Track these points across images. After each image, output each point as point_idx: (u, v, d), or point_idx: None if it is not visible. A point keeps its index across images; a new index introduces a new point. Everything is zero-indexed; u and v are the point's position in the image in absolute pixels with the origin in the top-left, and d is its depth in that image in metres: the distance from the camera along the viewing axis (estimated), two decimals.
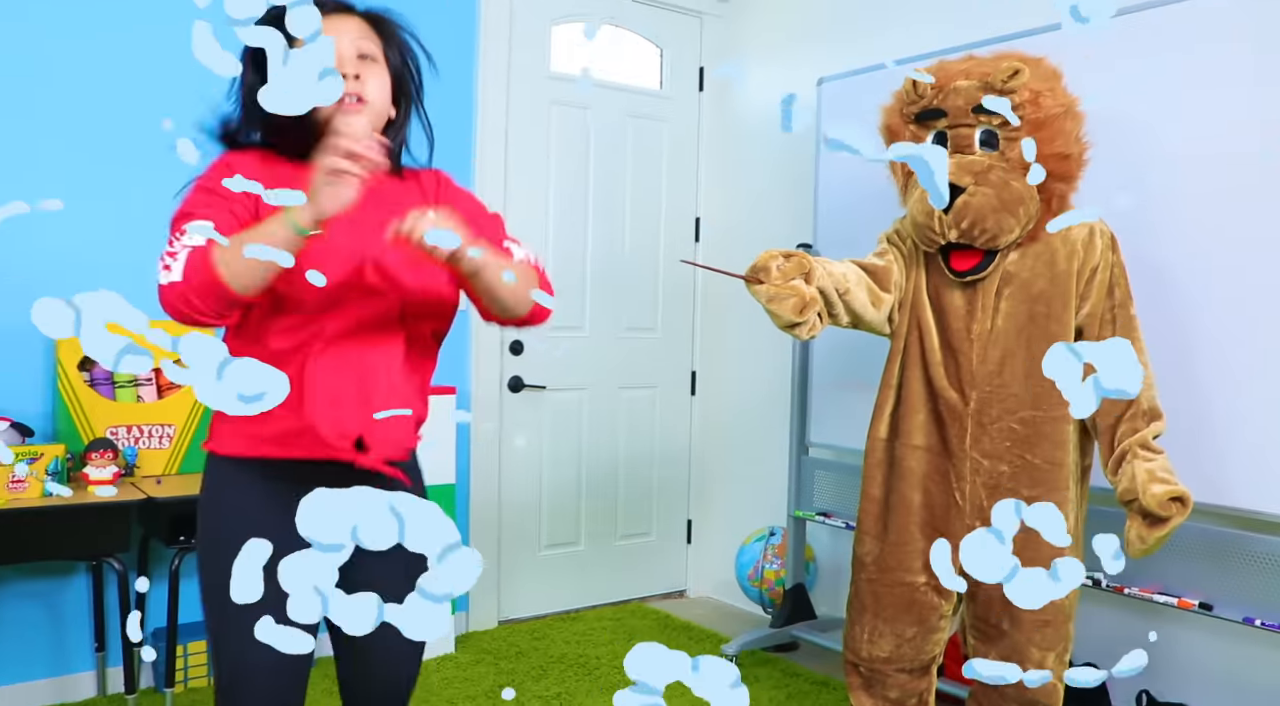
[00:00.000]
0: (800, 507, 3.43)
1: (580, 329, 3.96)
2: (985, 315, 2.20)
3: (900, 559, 2.31)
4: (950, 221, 2.15)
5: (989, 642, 2.24)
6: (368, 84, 1.47)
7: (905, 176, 2.32)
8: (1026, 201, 2.13)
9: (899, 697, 2.37)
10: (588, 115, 3.95)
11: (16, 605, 2.89)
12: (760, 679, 3.26)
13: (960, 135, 2.18)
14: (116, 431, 2.91)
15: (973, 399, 2.21)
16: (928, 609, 2.30)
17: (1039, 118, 2.10)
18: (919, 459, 2.29)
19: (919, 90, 2.21)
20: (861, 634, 2.37)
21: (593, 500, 4.04)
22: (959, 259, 2.22)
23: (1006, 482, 2.18)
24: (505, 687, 3.09)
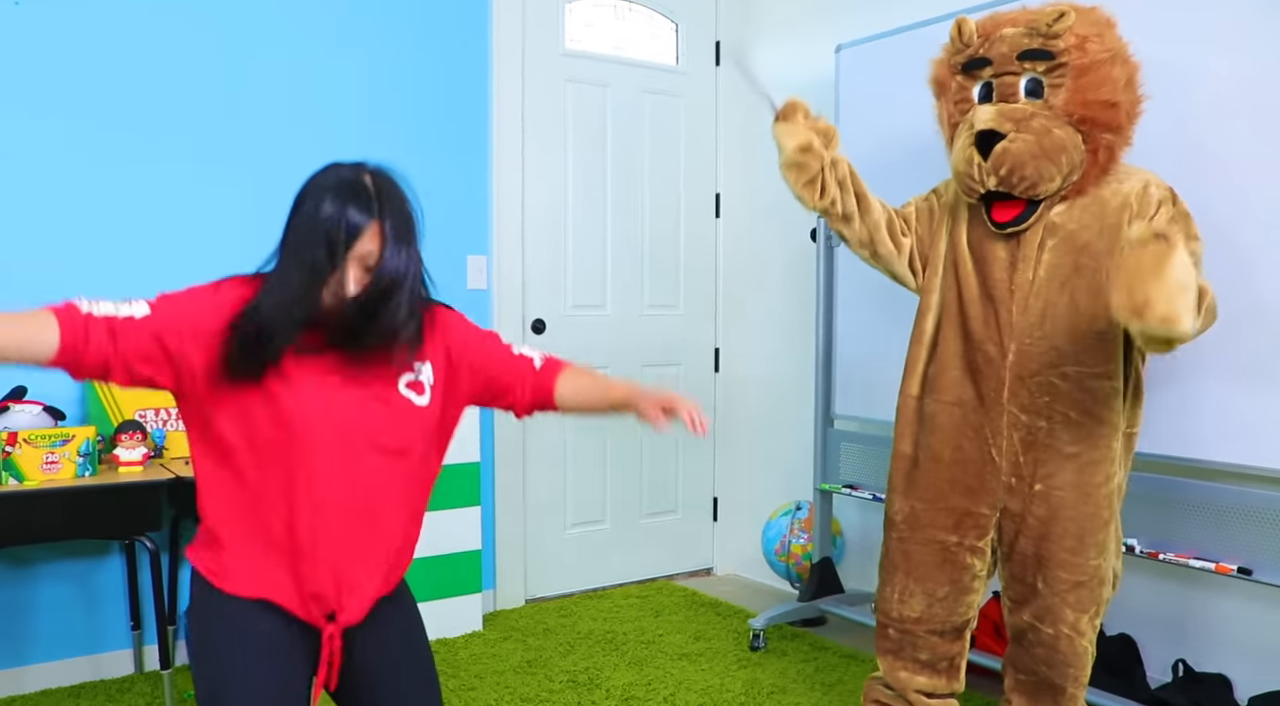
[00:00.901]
0: (826, 480, 3.41)
1: (602, 307, 3.96)
2: (1027, 266, 2.16)
3: (932, 517, 2.29)
4: (989, 168, 2.11)
5: (1023, 603, 2.22)
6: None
7: (951, 128, 2.29)
8: (1069, 149, 2.08)
9: (929, 660, 2.35)
10: (604, 92, 3.93)
11: (53, 585, 2.94)
12: (788, 653, 3.25)
13: (1005, 83, 2.15)
14: (145, 414, 2.94)
15: (1011, 351, 2.17)
16: (960, 568, 2.28)
17: (1085, 63, 2.06)
18: (952, 414, 2.26)
19: (965, 38, 2.19)
20: (893, 594, 2.36)
21: (617, 478, 4.04)
22: (1000, 210, 2.18)
23: (1044, 438, 2.15)
24: (532, 663, 3.12)
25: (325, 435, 1.44)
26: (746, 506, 4.21)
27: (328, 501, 1.45)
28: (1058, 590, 2.16)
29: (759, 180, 4.14)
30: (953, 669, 2.37)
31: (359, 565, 1.49)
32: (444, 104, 3.55)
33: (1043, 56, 2.08)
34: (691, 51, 4.16)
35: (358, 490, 1.47)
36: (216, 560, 1.49)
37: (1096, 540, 2.14)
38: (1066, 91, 2.08)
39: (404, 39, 3.46)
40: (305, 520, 1.44)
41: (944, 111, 2.31)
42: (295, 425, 1.42)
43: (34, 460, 2.58)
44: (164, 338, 1.40)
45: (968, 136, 2.16)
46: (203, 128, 3.11)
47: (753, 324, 4.18)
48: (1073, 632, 2.16)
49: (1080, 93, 2.07)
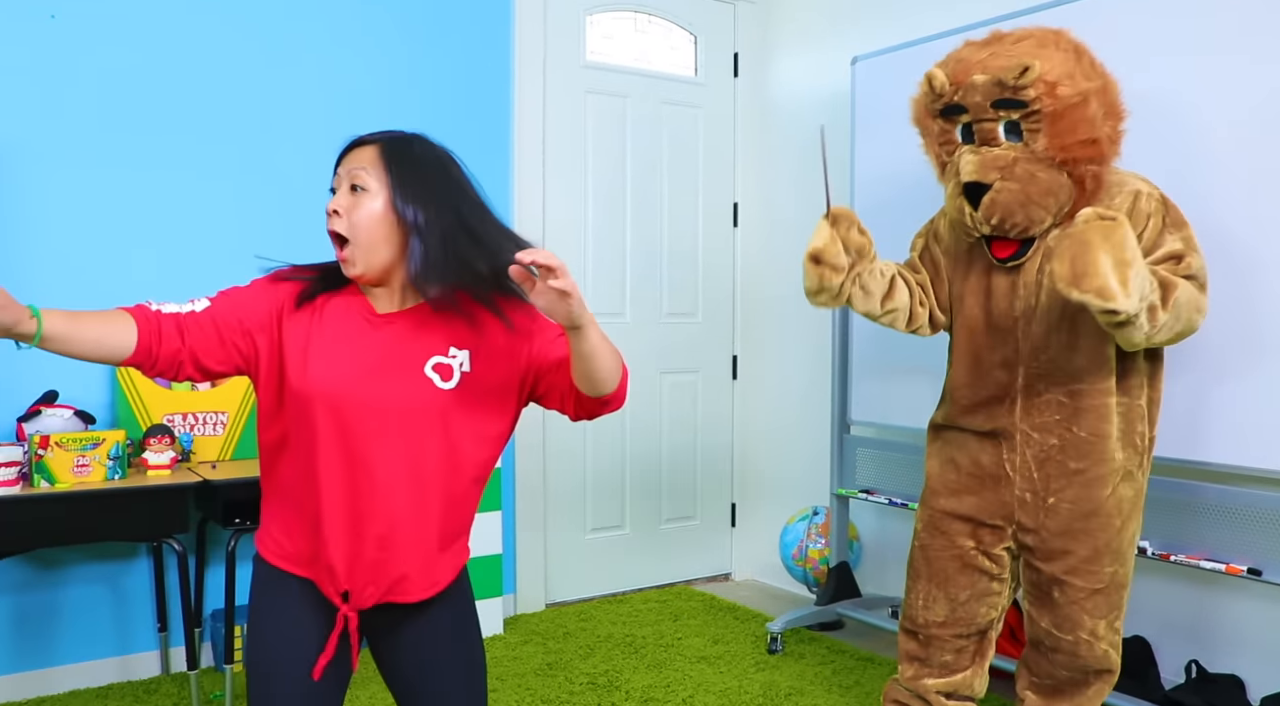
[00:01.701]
0: (843, 485, 3.44)
1: (621, 315, 4.00)
2: (1028, 294, 2.21)
3: (949, 524, 2.35)
4: (981, 218, 2.16)
5: (1043, 608, 2.26)
6: (349, 216, 1.44)
7: (939, 164, 2.32)
8: (1056, 191, 2.11)
9: (953, 662, 2.38)
10: (624, 103, 3.99)
11: (82, 587, 3.00)
12: (805, 656, 3.27)
13: (985, 129, 2.16)
14: (172, 419, 3.00)
15: (1020, 375, 2.23)
16: (978, 573, 2.33)
17: (1058, 109, 2.05)
18: (970, 436, 2.33)
19: (936, 89, 2.20)
20: (917, 600, 2.41)
21: (637, 484, 4.08)
22: (999, 247, 2.23)
23: (1056, 455, 2.20)
24: (553, 666, 3.15)
25: (330, 409, 1.45)
26: (764, 512, 4.24)
27: (332, 479, 1.46)
28: (1075, 598, 2.19)
29: (776, 190, 4.18)
30: (975, 672, 2.40)
31: (370, 546, 1.47)
32: (466, 114, 3.62)
33: (1015, 105, 2.09)
34: (710, 63, 4.21)
35: (365, 470, 1.45)
36: (266, 530, 1.57)
37: (1111, 548, 2.18)
38: (1045, 136, 2.08)
39: (427, 51, 3.53)
40: (317, 495, 1.47)
41: (930, 148, 2.33)
42: (307, 399, 1.45)
43: (65, 463, 2.65)
44: (222, 328, 1.45)
45: (956, 185, 2.19)
46: (233, 135, 3.19)
47: (770, 331, 4.22)
48: (1091, 638, 2.19)
49: (1059, 137, 2.07)
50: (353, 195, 1.45)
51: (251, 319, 1.47)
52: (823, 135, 2.26)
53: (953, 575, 2.35)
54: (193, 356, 1.44)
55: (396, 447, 1.46)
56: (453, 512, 1.54)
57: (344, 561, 1.48)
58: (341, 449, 1.45)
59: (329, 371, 1.45)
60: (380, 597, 1.51)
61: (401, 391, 1.46)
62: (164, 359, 1.42)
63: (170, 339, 1.42)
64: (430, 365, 1.47)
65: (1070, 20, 2.44)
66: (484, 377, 1.50)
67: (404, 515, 1.48)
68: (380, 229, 1.44)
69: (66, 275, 2.95)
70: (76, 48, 2.95)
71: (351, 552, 1.48)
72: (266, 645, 1.54)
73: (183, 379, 1.46)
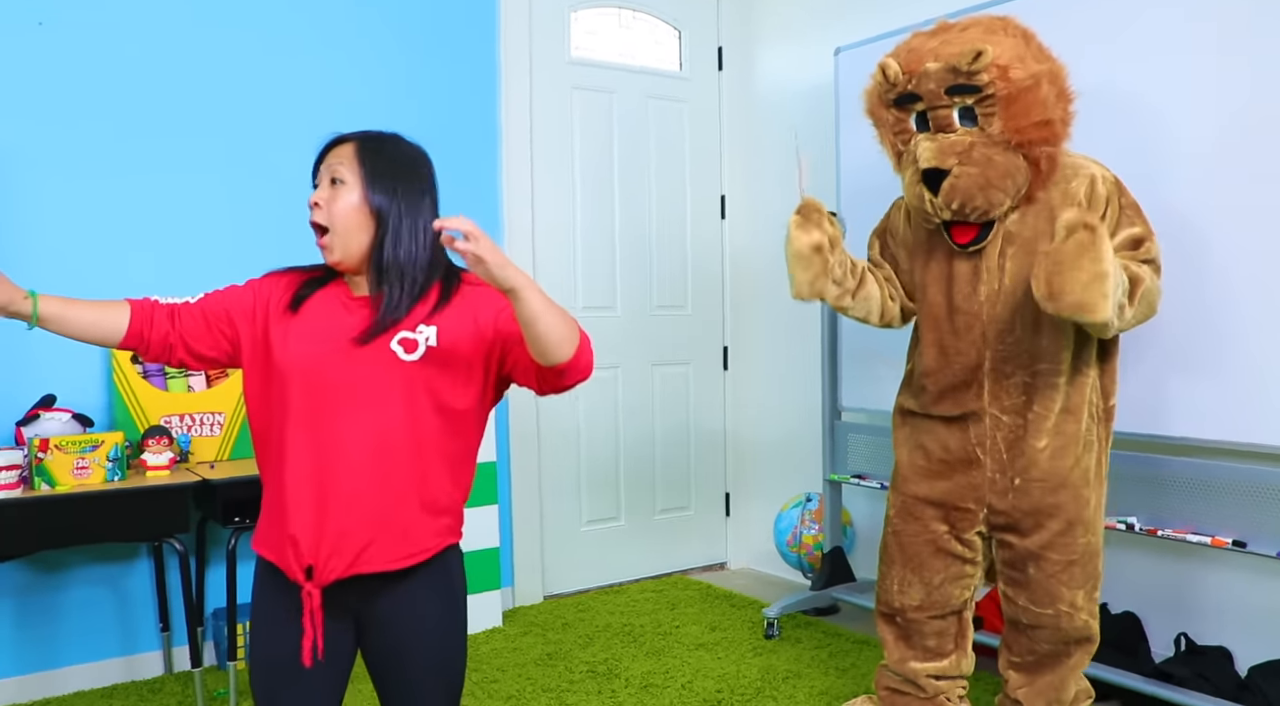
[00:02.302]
0: (835, 471, 3.48)
1: (612, 309, 4.04)
2: (991, 278, 2.26)
3: (922, 510, 2.39)
4: (941, 203, 2.20)
5: (1019, 587, 2.30)
6: (328, 207, 1.54)
7: (895, 154, 2.36)
8: (1013, 173, 2.16)
9: (937, 645, 2.43)
10: (610, 98, 4.02)
11: (84, 589, 3.03)
12: (802, 640, 3.32)
13: (939, 116, 2.20)
14: (170, 420, 3.03)
15: (986, 358, 2.27)
16: (951, 557, 2.37)
17: (1011, 92, 2.10)
18: (940, 422, 2.37)
19: (890, 78, 2.23)
20: (892, 585, 2.45)
21: (631, 476, 4.12)
22: (959, 232, 2.28)
23: (1022, 435, 2.25)
24: (553, 655, 3.19)
25: (302, 385, 1.53)
26: (758, 501, 4.28)
27: (299, 453, 1.52)
28: (1052, 572, 2.24)
29: (763, 182, 4.22)
30: (958, 650, 2.45)
31: (334, 516, 1.51)
32: (455, 111, 3.64)
33: (969, 91, 2.13)
34: (694, 57, 4.25)
35: (330, 441, 1.51)
36: (258, 520, 1.63)
37: (1083, 519, 2.23)
38: (999, 119, 2.13)
39: (415, 49, 3.56)
40: (282, 471, 1.54)
41: (885, 139, 2.37)
42: (283, 377, 1.54)
43: (65, 466, 2.67)
44: (210, 316, 1.60)
45: (914, 172, 2.23)
46: (225, 135, 3.21)
47: (760, 322, 4.26)
48: (1071, 609, 2.23)
49: (1013, 120, 2.12)
50: (332, 188, 1.56)
51: (237, 308, 1.61)
52: (796, 137, 2.31)
53: (926, 560, 2.39)
54: (183, 340, 1.58)
55: (361, 419, 1.52)
56: (426, 485, 1.57)
57: (308, 533, 1.51)
58: (309, 422, 1.53)
59: (302, 348, 1.55)
60: (346, 569, 1.53)
61: (366, 364, 1.53)
62: (156, 342, 1.56)
63: (161, 323, 1.56)
64: (396, 340, 1.54)
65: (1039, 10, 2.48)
66: (451, 351, 1.55)
67: (368, 484, 1.52)
68: (355, 218, 1.55)
69: (63, 277, 2.96)
70: (66, 53, 2.97)
71: (316, 523, 1.51)
72: (263, 639, 1.60)
73: (175, 363, 1.59)
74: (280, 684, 1.59)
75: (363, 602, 1.60)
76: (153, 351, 1.57)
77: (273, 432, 1.57)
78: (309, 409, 1.52)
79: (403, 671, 1.61)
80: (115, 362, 2.96)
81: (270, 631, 1.59)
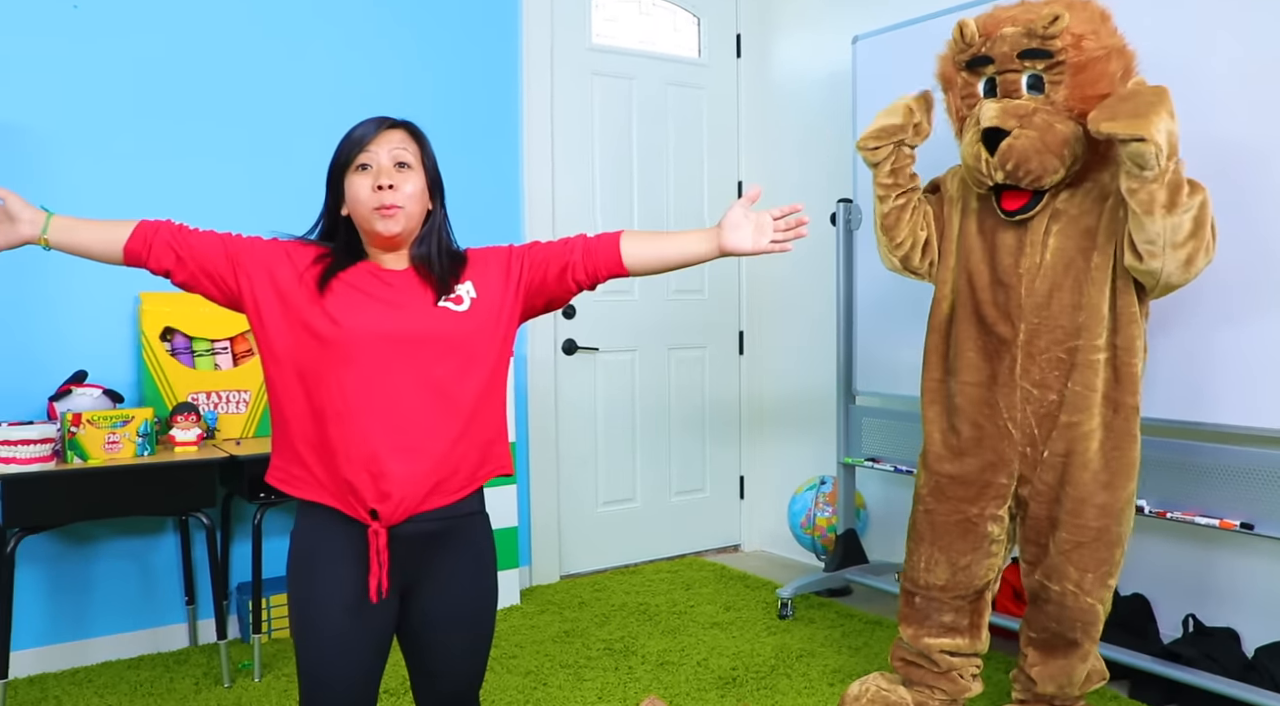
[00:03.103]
0: (850, 454, 3.52)
1: (630, 293, 4.08)
2: (1034, 250, 2.29)
3: (955, 490, 2.43)
4: (996, 163, 2.23)
5: (1036, 563, 2.35)
6: (402, 189, 1.63)
7: (959, 120, 2.40)
8: (1071, 142, 2.19)
9: (953, 623, 2.47)
10: (629, 85, 4.06)
11: (112, 562, 3.09)
12: (815, 620, 3.37)
13: (1008, 80, 2.26)
14: (196, 397, 3.09)
15: (1021, 331, 2.30)
16: (981, 537, 2.41)
17: (1081, 61, 2.16)
18: (971, 394, 2.40)
19: (966, 38, 2.29)
20: (919, 563, 2.49)
21: (647, 458, 4.17)
22: (1009, 199, 2.31)
23: (1053, 410, 2.28)
24: (570, 633, 3.25)
25: (368, 350, 1.60)
26: (772, 484, 4.33)
27: (356, 408, 1.59)
28: (1062, 549, 2.28)
29: (779, 169, 4.25)
30: (974, 628, 2.49)
31: (395, 462, 1.59)
32: (477, 97, 3.69)
33: (1041, 55, 2.19)
34: (713, 44, 4.28)
35: (389, 398, 1.60)
36: (283, 469, 1.67)
37: (1096, 503, 2.25)
38: (1066, 87, 2.19)
39: (439, 34, 3.60)
40: (339, 419, 1.60)
41: (952, 104, 2.42)
42: (344, 345, 1.60)
43: (97, 440, 2.73)
44: (230, 250, 1.66)
45: (975, 132, 2.27)
46: (247, 121, 3.26)
47: (776, 306, 4.30)
48: (1077, 589, 2.27)
49: (1079, 88, 2.18)
50: (399, 171, 1.65)
51: (257, 259, 1.66)
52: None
53: (956, 540, 2.43)
54: (193, 256, 1.64)
55: (424, 372, 1.62)
56: (480, 425, 1.69)
57: (373, 479, 1.59)
58: (370, 381, 1.60)
59: (361, 318, 1.61)
60: (414, 509, 1.61)
61: (426, 321, 1.63)
62: (159, 246, 1.64)
63: (167, 237, 1.65)
64: (444, 299, 1.67)
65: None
66: (488, 299, 1.70)
67: (430, 431, 1.61)
68: (421, 199, 1.68)
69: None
70: (99, 37, 3.03)
71: (380, 471, 1.59)
72: (321, 579, 1.63)
73: (179, 275, 1.65)
74: (335, 623, 1.61)
75: (410, 555, 1.65)
76: (154, 260, 1.64)
77: (320, 390, 1.61)
78: (371, 370, 1.60)
79: (445, 630, 1.69)
80: (145, 340, 3.02)
81: (328, 570, 1.62)
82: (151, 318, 3.04)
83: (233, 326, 3.17)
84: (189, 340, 3.13)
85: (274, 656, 3.05)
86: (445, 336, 1.64)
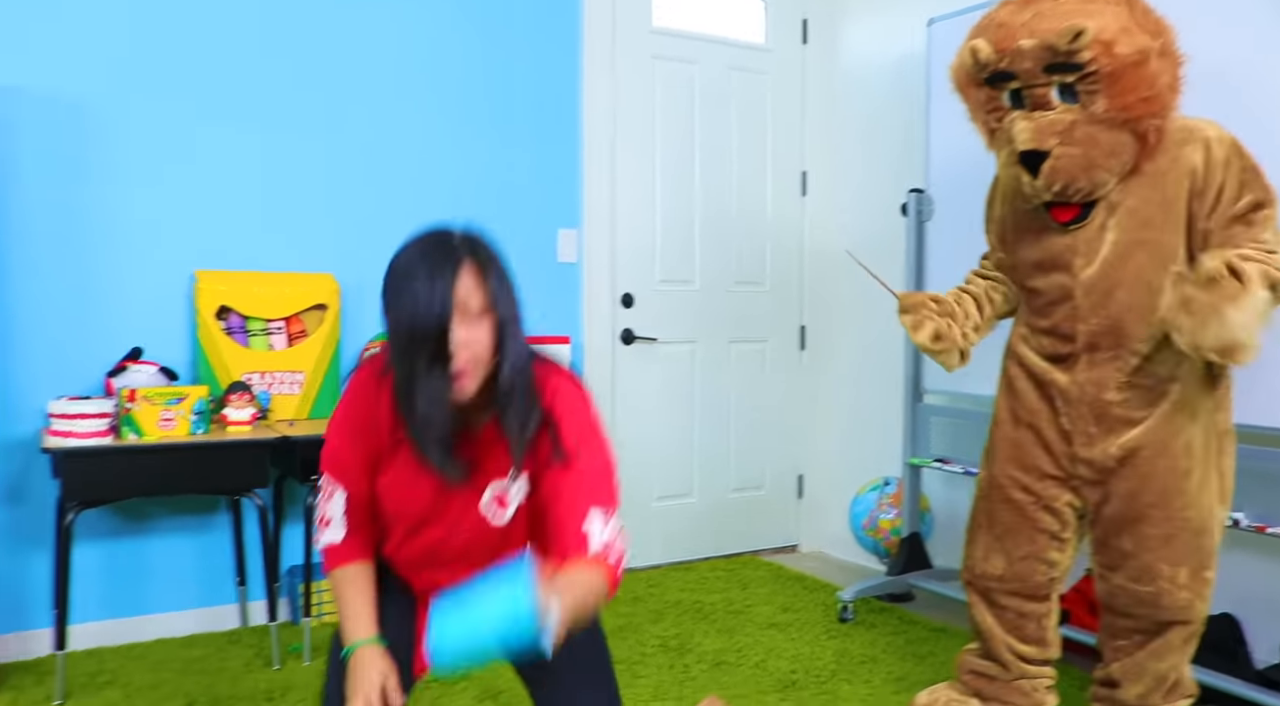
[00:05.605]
0: (916, 455, 3.39)
1: (690, 282, 3.99)
2: (1090, 250, 2.15)
3: (1008, 478, 2.32)
4: (1041, 186, 2.08)
5: (1115, 568, 2.21)
6: (472, 350, 1.41)
7: (988, 131, 2.25)
8: (1118, 151, 2.03)
9: (1017, 619, 2.35)
10: (692, 69, 3.96)
11: (167, 540, 3.08)
12: (877, 625, 3.25)
13: (1036, 94, 2.07)
14: (251, 377, 3.05)
15: (1081, 334, 2.18)
16: (1036, 529, 2.29)
17: (1116, 69, 1.97)
18: (1031, 387, 2.30)
19: (982, 60, 2.11)
20: (976, 551, 2.40)
21: (704, 453, 4.07)
22: (1060, 212, 2.16)
23: (1117, 409, 2.15)
24: (624, 628, 3.16)
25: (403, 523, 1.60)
26: (832, 483, 4.21)
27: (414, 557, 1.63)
28: (1150, 546, 2.14)
29: (845, 159, 4.12)
30: (1042, 631, 2.35)
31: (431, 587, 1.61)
32: (536, 80, 3.61)
33: (1069, 69, 1.99)
34: (778, 29, 4.16)
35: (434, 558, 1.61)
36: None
37: (1181, 490, 2.12)
38: (1103, 97, 1.99)
39: (498, 17, 3.53)
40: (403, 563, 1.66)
41: (977, 117, 2.26)
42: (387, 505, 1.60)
43: (152, 417, 2.70)
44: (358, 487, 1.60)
45: (1010, 153, 2.11)
46: (311, 97, 3.23)
47: (839, 301, 4.17)
48: (1171, 586, 2.13)
49: (1119, 97, 1.99)
50: (467, 324, 1.41)
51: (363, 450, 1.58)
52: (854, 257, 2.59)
53: (1010, 530, 2.32)
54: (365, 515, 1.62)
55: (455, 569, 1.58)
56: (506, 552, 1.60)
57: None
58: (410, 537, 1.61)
59: (401, 494, 1.56)
60: None
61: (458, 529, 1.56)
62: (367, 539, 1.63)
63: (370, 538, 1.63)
64: (489, 495, 1.54)
65: None
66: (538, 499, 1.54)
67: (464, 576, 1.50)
68: (490, 347, 1.45)
69: (158, 234, 3.01)
70: (162, 10, 3.00)
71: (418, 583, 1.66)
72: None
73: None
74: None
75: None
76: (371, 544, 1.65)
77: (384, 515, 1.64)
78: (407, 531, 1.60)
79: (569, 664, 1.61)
80: (199, 318, 2.99)
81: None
82: (207, 295, 3.01)
83: (287, 307, 3.13)
84: (244, 319, 3.09)
85: (324, 640, 3.00)
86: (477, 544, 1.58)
